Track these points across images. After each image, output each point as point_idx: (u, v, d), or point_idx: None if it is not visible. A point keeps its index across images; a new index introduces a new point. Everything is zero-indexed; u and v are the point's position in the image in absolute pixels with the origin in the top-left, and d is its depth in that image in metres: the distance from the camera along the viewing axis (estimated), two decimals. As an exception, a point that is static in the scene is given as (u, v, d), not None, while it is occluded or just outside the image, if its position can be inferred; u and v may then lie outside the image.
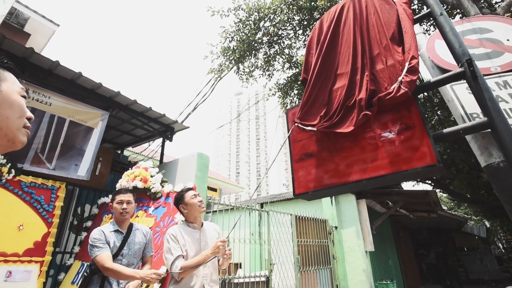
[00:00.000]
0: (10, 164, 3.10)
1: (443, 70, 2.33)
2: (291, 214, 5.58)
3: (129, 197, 2.16)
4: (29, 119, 0.72)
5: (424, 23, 5.63)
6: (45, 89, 3.34)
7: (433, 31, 5.60)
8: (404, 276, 8.82)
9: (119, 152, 5.98)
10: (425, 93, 7.03)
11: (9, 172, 3.09)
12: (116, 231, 2.08)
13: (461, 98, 2.17)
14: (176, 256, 1.69)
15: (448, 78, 1.80)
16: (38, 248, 3.06)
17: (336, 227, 6.29)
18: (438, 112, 6.79)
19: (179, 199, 1.97)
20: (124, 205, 2.10)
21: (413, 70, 1.71)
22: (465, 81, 1.76)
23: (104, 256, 1.84)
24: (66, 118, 3.41)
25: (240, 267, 6.03)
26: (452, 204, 18.49)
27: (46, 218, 3.19)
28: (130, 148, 6.67)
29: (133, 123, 4.65)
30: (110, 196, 3.89)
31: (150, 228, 2.72)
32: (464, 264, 12.63)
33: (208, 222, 2.12)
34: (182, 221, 2.03)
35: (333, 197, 6.63)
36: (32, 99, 3.20)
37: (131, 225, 2.19)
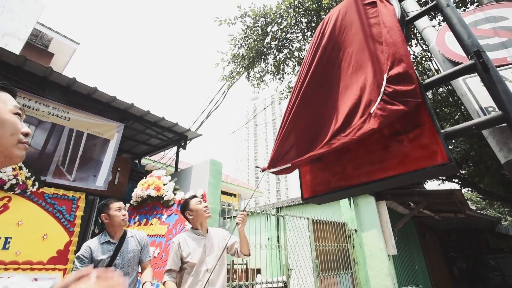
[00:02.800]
0: (34, 177, 3.28)
1: (455, 64, 2.23)
2: (307, 218, 5.49)
3: (123, 204, 2.19)
4: (25, 134, 0.76)
5: (435, 19, 5.42)
6: (64, 105, 3.53)
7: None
8: (432, 281, 8.37)
9: (137, 161, 6.17)
10: (446, 87, 6.73)
11: (33, 185, 3.27)
12: (107, 242, 2.06)
13: (474, 92, 2.06)
14: (168, 268, 1.79)
15: (458, 72, 1.71)
16: (61, 256, 3.21)
17: (355, 230, 6.10)
18: (462, 108, 6.46)
19: (184, 206, 2.00)
20: (123, 211, 2.12)
21: (397, 80, 1.50)
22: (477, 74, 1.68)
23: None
24: (84, 131, 3.58)
25: (259, 273, 5.99)
26: (483, 203, 17.42)
27: (67, 228, 3.34)
28: (147, 157, 6.88)
29: (148, 133, 4.80)
30: (127, 204, 4.02)
31: (163, 235, 2.78)
32: (500, 267, 11.79)
33: (216, 228, 2.13)
34: (189, 229, 2.05)
35: (352, 200, 6.46)
36: (52, 115, 3.40)
37: (124, 233, 2.16)
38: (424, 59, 5.88)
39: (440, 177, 10.16)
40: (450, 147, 7.60)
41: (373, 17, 1.91)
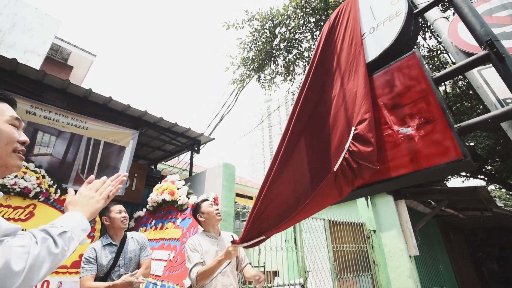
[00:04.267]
0: (56, 185, 3.44)
1: (469, 55, 2.14)
2: (323, 219, 5.41)
3: (122, 207, 2.28)
4: (22, 143, 0.79)
5: (449, 9, 5.21)
6: (82, 115, 3.68)
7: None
8: (460, 282, 7.98)
9: (153, 167, 6.33)
10: (466, 80, 6.45)
11: (55, 192, 3.43)
12: (109, 244, 2.15)
13: (491, 83, 1.97)
14: (194, 263, 1.75)
15: (471, 63, 1.65)
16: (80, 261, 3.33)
17: (374, 231, 5.94)
18: (484, 100, 6.16)
19: (196, 209, 2.03)
20: (123, 214, 2.21)
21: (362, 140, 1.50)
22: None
23: (85, 278, 1.98)
24: (101, 140, 3.72)
25: (277, 275, 5.96)
26: (515, 199, 16.48)
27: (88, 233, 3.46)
28: (163, 162, 7.03)
29: (162, 139, 4.91)
30: (144, 209, 4.12)
31: (177, 239, 2.82)
32: (536, 268, 11.06)
33: (227, 232, 2.15)
34: (201, 231, 2.08)
35: (369, 199, 6.30)
36: (71, 125, 3.56)
37: (125, 235, 2.24)
38: (439, 51, 5.68)
39: (464, 174, 9.72)
40: (472, 142, 7.27)
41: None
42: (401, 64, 1.91)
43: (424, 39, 5.87)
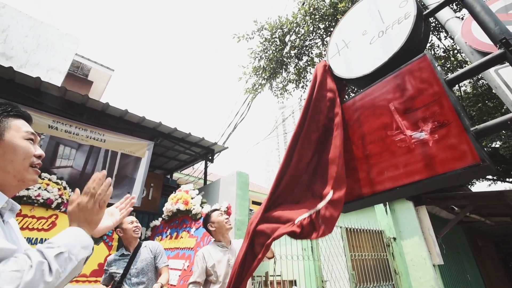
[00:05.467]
0: (76, 196, 3.58)
1: (485, 54, 2.06)
2: (340, 227, 5.27)
3: (134, 218, 2.39)
4: (38, 156, 0.83)
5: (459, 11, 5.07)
6: (100, 128, 3.84)
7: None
8: (491, 293, 7.49)
9: (168, 177, 6.44)
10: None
11: (76, 203, 3.56)
12: (122, 254, 2.28)
13: (509, 83, 1.89)
14: (193, 281, 1.81)
15: (486, 63, 1.59)
16: (102, 269, 3.42)
17: (394, 238, 5.72)
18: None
19: (206, 219, 2.04)
20: (135, 224, 2.32)
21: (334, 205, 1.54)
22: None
23: (98, 287, 2.16)
24: (118, 151, 3.85)
25: (295, 285, 5.83)
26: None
27: (107, 242, 3.56)
28: (179, 171, 7.15)
29: (176, 149, 5.01)
30: (160, 219, 4.19)
31: (192, 248, 2.84)
32: None
33: (237, 240, 2.14)
34: (212, 241, 2.09)
35: (387, 206, 6.10)
36: (90, 138, 3.71)
37: (139, 244, 2.33)
38: (456, 51, 5.50)
39: (490, 177, 9.22)
40: (497, 143, 6.90)
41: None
42: (411, 67, 1.87)
43: (439, 39, 5.71)
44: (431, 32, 5.57)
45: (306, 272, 5.90)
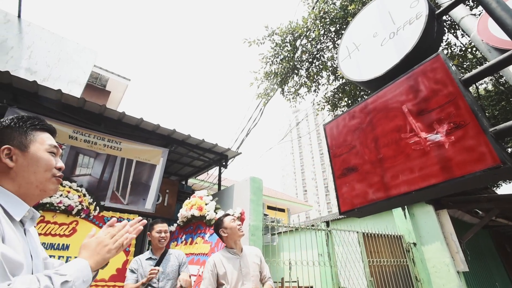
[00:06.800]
0: (95, 202, 3.70)
1: (503, 52, 1.99)
2: (357, 232, 5.15)
3: (165, 226, 2.46)
4: (59, 168, 0.88)
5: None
6: (116, 137, 3.97)
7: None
8: (522, 302, 7.03)
9: (183, 183, 6.54)
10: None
11: (95, 209, 3.69)
12: (149, 258, 2.37)
13: (531, 80, 1.81)
14: None
15: (506, 60, 1.53)
16: (120, 274, 3.50)
17: (414, 244, 5.52)
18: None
19: (218, 224, 2.05)
20: (163, 234, 2.40)
21: None
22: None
23: (127, 285, 2.22)
24: (134, 159, 3.97)
25: (312, 291, 5.73)
26: None
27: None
28: (194, 177, 7.25)
29: (191, 156, 5.09)
30: (175, 225, 4.25)
31: (206, 254, 2.86)
32: None
33: (248, 247, 2.13)
34: (223, 248, 2.09)
35: (406, 210, 5.90)
36: (107, 147, 3.84)
37: (165, 251, 2.44)
38: (474, 48, 5.30)
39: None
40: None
41: None
42: (425, 68, 1.83)
43: (456, 37, 5.53)
44: (447, 30, 5.41)
45: (322, 278, 5.79)
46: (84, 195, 3.63)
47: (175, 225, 4.14)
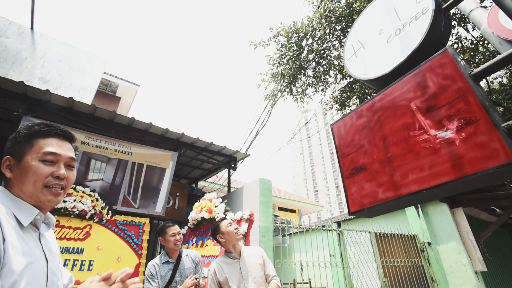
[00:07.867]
0: (108, 206, 3.78)
1: (515, 44, 1.93)
2: (369, 232, 5.07)
3: (177, 228, 2.43)
4: (57, 176, 0.80)
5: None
6: (127, 142, 4.04)
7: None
8: (546, 303, 6.75)
9: (194, 185, 6.60)
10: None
11: (107, 213, 3.76)
12: (166, 262, 2.34)
13: (546, 73, 1.74)
14: None
15: (517, 53, 1.49)
16: (133, 277, 3.55)
17: (429, 243, 5.39)
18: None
19: (215, 230, 2.03)
20: (177, 237, 2.37)
21: None
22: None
23: None
24: (144, 163, 4.03)
25: (325, 292, 5.66)
26: None
27: (136, 251, 3.71)
28: (204, 179, 7.30)
29: (200, 159, 5.13)
30: (186, 227, 4.29)
31: (216, 256, 2.88)
32: None
33: (250, 247, 2.12)
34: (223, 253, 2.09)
35: (420, 208, 5.77)
36: (118, 151, 3.92)
37: (180, 253, 2.42)
38: (486, 41, 5.15)
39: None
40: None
41: None
42: (432, 64, 1.79)
43: (467, 30, 5.39)
44: (456, 24, 5.28)
45: (335, 279, 5.71)
46: (97, 200, 3.71)
47: (186, 227, 4.18)
